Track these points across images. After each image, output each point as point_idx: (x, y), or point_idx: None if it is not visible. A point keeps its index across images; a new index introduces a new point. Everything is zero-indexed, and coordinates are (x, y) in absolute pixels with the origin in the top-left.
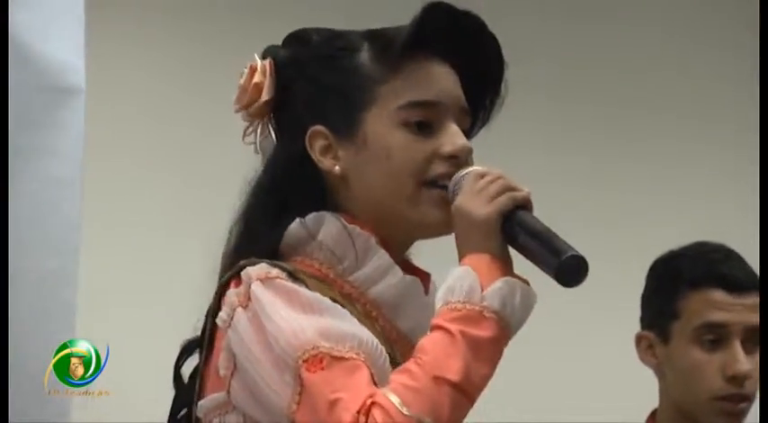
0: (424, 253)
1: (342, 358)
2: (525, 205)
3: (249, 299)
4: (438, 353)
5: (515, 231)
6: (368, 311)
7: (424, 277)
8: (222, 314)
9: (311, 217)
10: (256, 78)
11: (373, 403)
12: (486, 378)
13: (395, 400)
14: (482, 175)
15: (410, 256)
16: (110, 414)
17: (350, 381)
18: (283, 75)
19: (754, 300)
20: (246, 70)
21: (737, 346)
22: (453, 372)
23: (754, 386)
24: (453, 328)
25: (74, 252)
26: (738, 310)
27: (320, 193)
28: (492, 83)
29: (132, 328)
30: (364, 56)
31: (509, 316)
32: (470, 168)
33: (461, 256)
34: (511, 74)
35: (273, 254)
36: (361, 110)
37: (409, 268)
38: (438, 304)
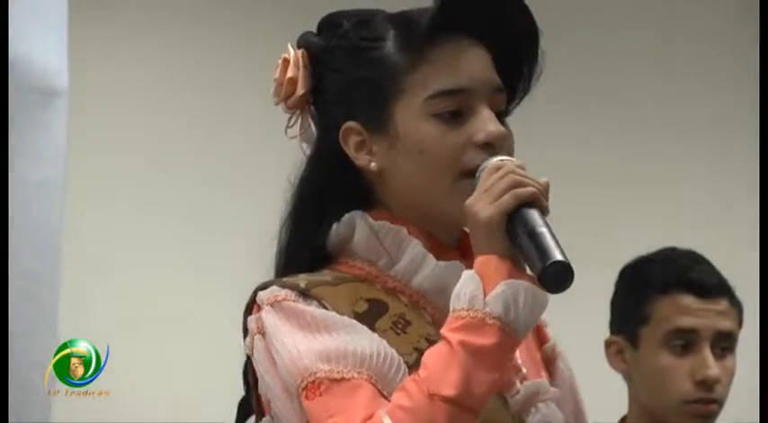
0: None
1: (342, 379)
2: (533, 201)
3: (263, 325)
4: (436, 367)
5: (516, 232)
6: (415, 302)
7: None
8: (247, 341)
9: (345, 219)
10: (290, 72)
11: None
12: (492, 384)
13: (388, 422)
14: (496, 169)
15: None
16: (110, 414)
17: (348, 402)
18: (317, 65)
19: (723, 305)
20: (280, 62)
21: (707, 351)
22: (449, 386)
23: (723, 390)
24: (454, 338)
25: (55, 255)
26: (708, 316)
27: (360, 188)
28: (527, 52)
29: (132, 328)
30: (390, 45)
31: (513, 320)
32: (491, 161)
33: (474, 257)
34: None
35: (321, 255)
36: (390, 103)
37: (464, 250)
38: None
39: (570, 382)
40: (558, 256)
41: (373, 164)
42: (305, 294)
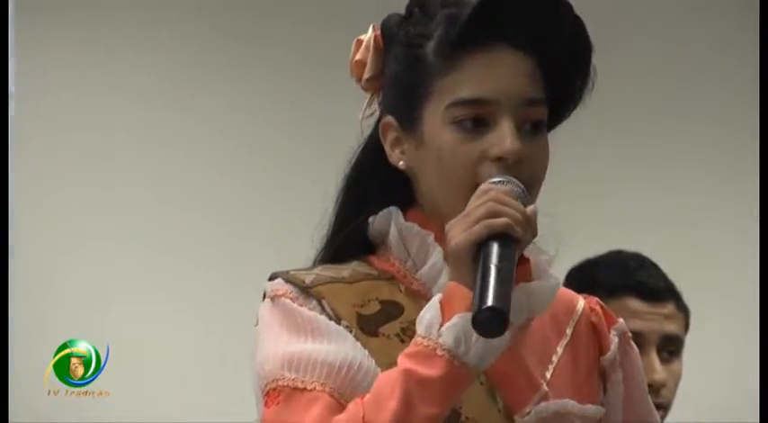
0: None
1: (304, 390)
2: (505, 233)
3: (258, 317)
4: (380, 393)
5: (477, 265)
6: None
7: None
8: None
9: (382, 213)
10: (359, 54)
11: None
12: (432, 418)
13: None
14: (482, 193)
15: None
16: (110, 414)
17: (302, 415)
18: (388, 51)
19: (669, 308)
20: (354, 42)
21: (653, 355)
22: (385, 417)
23: (669, 394)
24: (403, 365)
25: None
26: (654, 319)
27: (401, 184)
28: (576, 63)
29: (132, 328)
30: (431, 46)
31: (463, 354)
32: (488, 182)
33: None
34: None
35: (364, 243)
36: (420, 106)
37: None
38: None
39: (628, 394)
40: (490, 302)
41: (402, 162)
42: (306, 291)
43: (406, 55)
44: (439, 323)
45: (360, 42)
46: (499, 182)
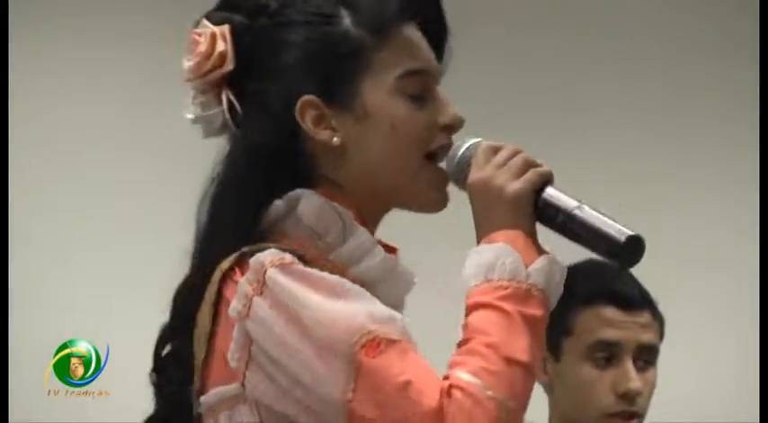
0: None
1: (395, 341)
2: (552, 181)
3: (264, 286)
4: (502, 334)
5: (552, 211)
6: None
7: (392, 251)
8: (235, 304)
9: (290, 196)
10: (220, 46)
11: (452, 385)
12: (540, 357)
13: (477, 382)
14: (496, 149)
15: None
16: (110, 414)
17: (408, 363)
18: (244, 43)
19: (645, 317)
20: (206, 35)
21: (629, 364)
22: (522, 352)
23: (644, 403)
24: (508, 307)
25: None
26: (631, 328)
27: (303, 166)
28: (442, 44)
29: (132, 328)
30: (347, 22)
31: (551, 294)
32: (473, 140)
33: (487, 231)
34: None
35: (250, 235)
36: (357, 78)
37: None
38: (473, 281)
39: None
40: (632, 232)
41: (336, 138)
42: (303, 259)
43: (317, 33)
44: (524, 266)
45: (215, 34)
46: (467, 147)
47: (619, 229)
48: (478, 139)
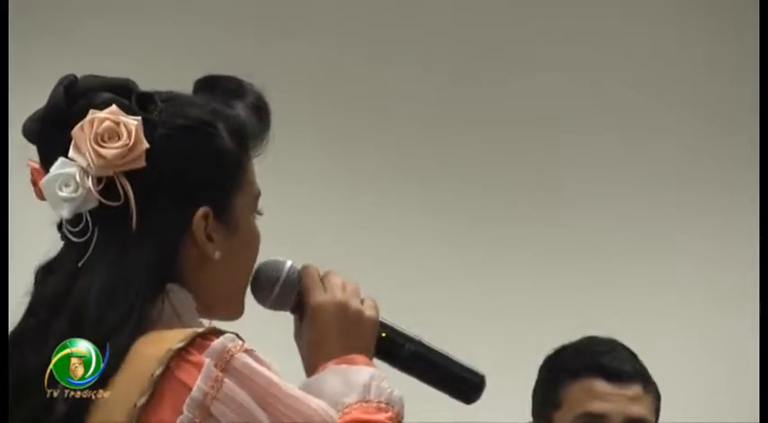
0: None
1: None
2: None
3: (233, 369)
4: None
5: (400, 339)
6: None
7: None
8: (200, 384)
9: (176, 290)
10: (143, 143)
11: None
12: None
13: None
14: (322, 274)
15: None
16: None
17: None
18: (152, 139)
19: (635, 390)
20: (127, 126)
21: None
22: None
23: None
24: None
25: None
26: (618, 401)
27: (174, 268)
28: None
29: None
30: (225, 137)
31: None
32: (285, 263)
33: (341, 352)
34: None
35: (140, 325)
36: (234, 195)
37: None
38: (346, 398)
39: None
40: (481, 372)
41: (218, 253)
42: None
43: (208, 145)
44: (392, 390)
45: (138, 129)
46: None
47: (470, 367)
48: (289, 262)
